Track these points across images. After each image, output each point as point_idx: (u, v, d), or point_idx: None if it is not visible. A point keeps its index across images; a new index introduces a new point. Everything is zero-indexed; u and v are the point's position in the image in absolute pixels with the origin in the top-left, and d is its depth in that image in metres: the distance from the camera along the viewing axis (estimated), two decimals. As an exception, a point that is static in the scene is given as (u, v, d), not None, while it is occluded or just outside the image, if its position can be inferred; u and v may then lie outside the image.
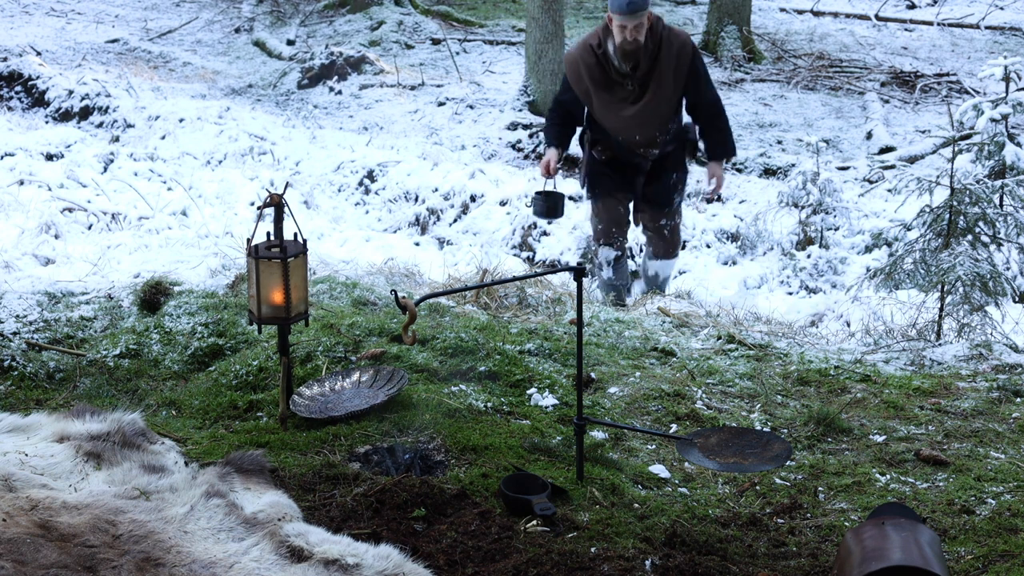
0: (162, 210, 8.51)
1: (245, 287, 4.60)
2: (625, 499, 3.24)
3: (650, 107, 5.71)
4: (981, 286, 4.98)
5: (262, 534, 2.77)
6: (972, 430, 3.80)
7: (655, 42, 5.62)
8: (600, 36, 5.73)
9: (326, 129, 11.67)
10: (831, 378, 4.25)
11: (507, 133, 12.04)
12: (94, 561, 2.57)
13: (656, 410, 3.89)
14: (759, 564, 2.95)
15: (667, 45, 5.64)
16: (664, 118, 5.77)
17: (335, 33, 15.68)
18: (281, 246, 3.47)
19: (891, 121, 11.88)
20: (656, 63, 5.64)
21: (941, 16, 15.63)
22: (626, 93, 5.71)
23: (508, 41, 15.54)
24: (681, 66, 5.67)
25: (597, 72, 5.73)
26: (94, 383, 4.03)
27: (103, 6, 16.87)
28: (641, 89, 5.69)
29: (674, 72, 5.66)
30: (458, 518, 3.03)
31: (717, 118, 5.89)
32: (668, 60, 5.64)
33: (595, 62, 5.71)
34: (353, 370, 3.91)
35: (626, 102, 5.72)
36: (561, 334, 4.47)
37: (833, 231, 7.95)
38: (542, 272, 4.20)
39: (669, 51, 5.64)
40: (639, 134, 5.80)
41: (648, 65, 5.64)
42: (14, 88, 12.74)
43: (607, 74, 5.70)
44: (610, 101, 5.74)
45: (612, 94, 5.73)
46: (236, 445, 3.40)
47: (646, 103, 5.70)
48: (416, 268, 5.84)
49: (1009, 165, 6.83)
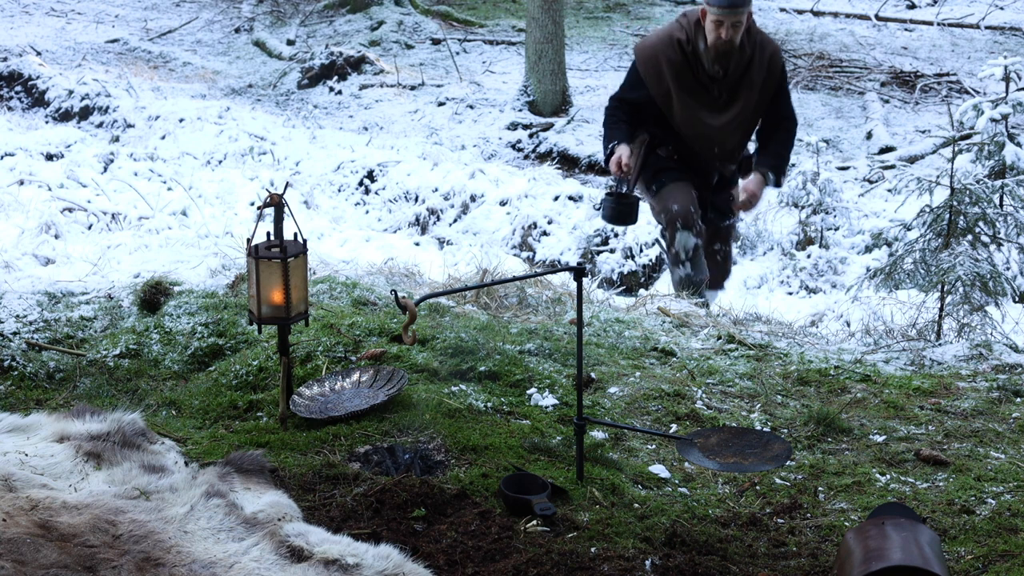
0: (162, 210, 8.51)
1: (245, 287, 4.60)
2: (625, 499, 3.24)
3: (739, 117, 5.15)
4: (981, 286, 4.98)
5: (262, 534, 2.77)
6: (972, 430, 3.81)
7: (750, 45, 5.06)
8: (688, 31, 5.06)
9: (326, 129, 11.67)
10: (831, 378, 4.26)
11: (507, 133, 12.04)
12: (94, 561, 2.57)
13: (656, 410, 3.89)
14: (759, 564, 2.95)
15: (760, 51, 5.10)
16: (749, 131, 5.25)
17: (335, 33, 15.68)
18: (281, 246, 3.47)
19: (891, 121, 11.88)
20: (748, 69, 5.09)
21: (941, 16, 15.63)
22: (712, 100, 5.13)
23: (508, 41, 15.54)
24: (772, 77, 5.14)
25: (683, 72, 5.08)
26: (94, 383, 4.03)
27: (103, 6, 16.87)
28: (729, 97, 5.12)
29: (764, 82, 5.13)
30: (458, 518, 3.03)
31: (788, 138, 5.32)
32: (760, 68, 5.10)
33: (682, 60, 5.06)
34: (353, 370, 3.91)
35: (713, 110, 5.13)
36: (561, 334, 4.47)
37: (833, 231, 7.95)
38: (542, 272, 4.19)
39: (762, 58, 5.10)
40: (720, 147, 5.22)
41: (740, 71, 5.07)
42: (14, 88, 12.74)
43: (695, 76, 5.08)
44: (695, 107, 5.13)
45: (696, 99, 5.12)
46: (236, 445, 3.40)
47: (737, 112, 5.14)
48: (416, 268, 5.84)
49: (1009, 165, 6.83)
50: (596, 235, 8.58)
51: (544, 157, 11.48)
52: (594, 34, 15.82)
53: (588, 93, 13.33)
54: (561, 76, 12.77)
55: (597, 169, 11.10)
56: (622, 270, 8.33)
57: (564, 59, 12.84)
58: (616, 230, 8.52)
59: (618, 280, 8.27)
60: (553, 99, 12.65)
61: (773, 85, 5.15)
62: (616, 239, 8.51)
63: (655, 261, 8.33)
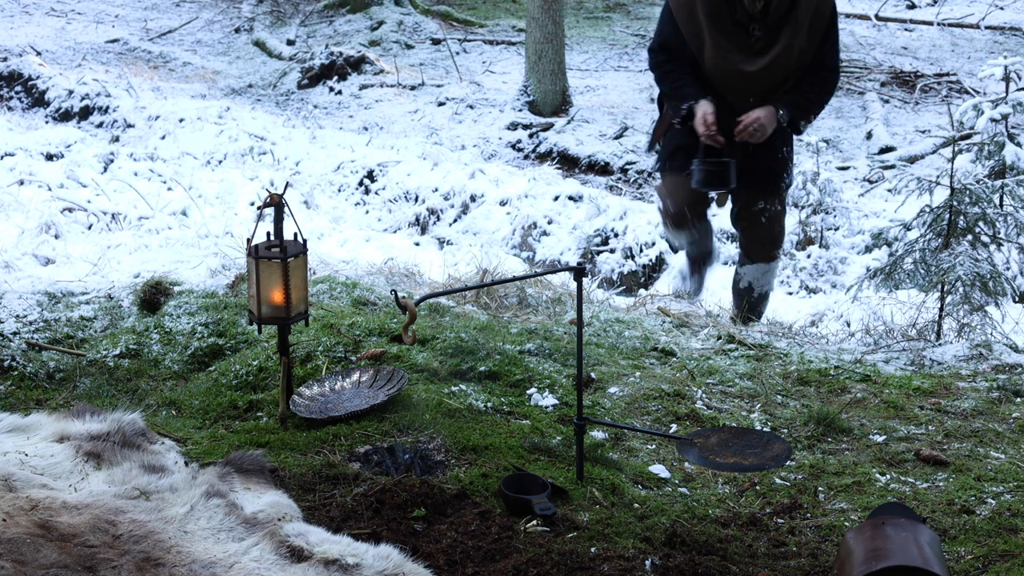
0: (162, 210, 8.51)
1: (245, 287, 4.60)
2: (625, 499, 3.24)
3: (779, 63, 4.55)
4: (981, 286, 4.98)
5: (262, 534, 2.77)
6: (972, 430, 3.80)
7: None
8: None
9: (326, 129, 11.68)
10: (831, 378, 4.25)
11: (507, 133, 12.04)
12: (94, 561, 2.57)
13: (656, 410, 3.89)
14: (759, 564, 2.95)
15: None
16: (788, 79, 4.64)
17: (335, 33, 15.69)
18: (281, 246, 3.47)
19: (891, 121, 11.89)
20: (794, 8, 4.51)
21: (941, 16, 15.63)
22: (750, 42, 4.55)
23: (508, 41, 15.55)
24: (820, 18, 4.55)
25: (719, 8, 4.54)
26: (94, 383, 4.03)
27: (103, 6, 16.87)
28: (769, 39, 4.54)
29: (811, 24, 4.52)
30: (458, 518, 3.03)
31: (822, 87, 4.70)
32: (807, 7, 4.51)
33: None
34: (353, 370, 3.91)
35: (750, 53, 4.56)
36: (561, 334, 4.47)
37: (833, 231, 7.96)
38: (542, 272, 4.19)
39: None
40: (756, 96, 4.64)
41: (783, 8, 4.51)
42: (14, 88, 12.74)
43: (732, 12, 4.53)
44: (728, 49, 4.57)
45: (731, 40, 4.56)
46: (236, 445, 3.40)
47: (775, 57, 4.54)
48: (416, 268, 5.84)
49: (1009, 165, 6.83)
50: (596, 235, 8.59)
51: (544, 157, 11.49)
52: (594, 34, 15.83)
53: (588, 93, 13.33)
54: (561, 76, 12.78)
55: (597, 169, 11.10)
56: (622, 270, 8.33)
57: (564, 59, 12.85)
58: (616, 229, 8.52)
59: (618, 280, 8.28)
60: (553, 99, 12.66)
61: (820, 28, 4.57)
62: (616, 239, 8.51)
63: (655, 261, 8.33)
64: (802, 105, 4.68)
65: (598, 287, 7.22)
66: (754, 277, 5.15)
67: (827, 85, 4.72)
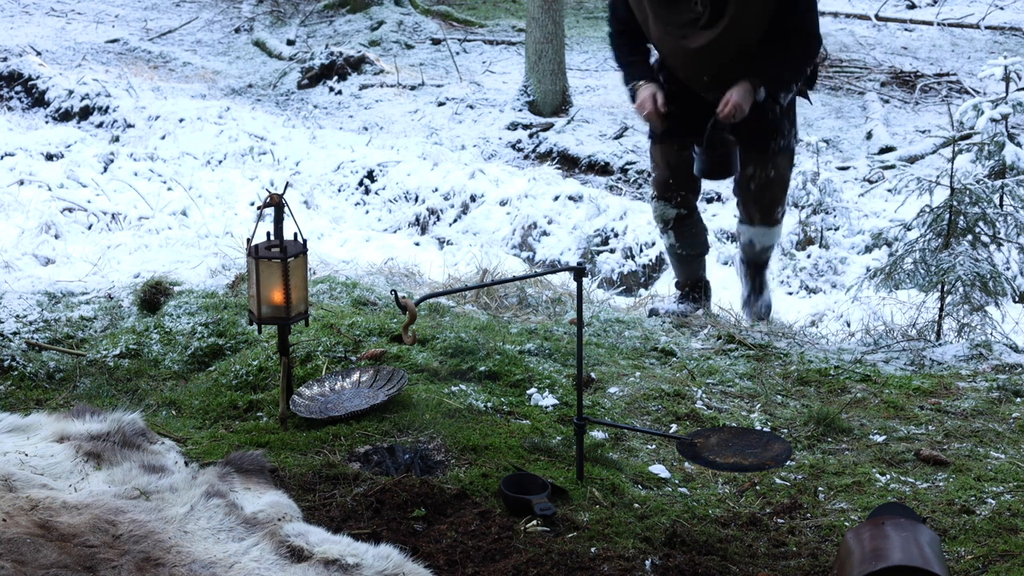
0: (162, 210, 8.52)
1: (245, 287, 4.60)
2: (625, 499, 3.24)
3: (726, 37, 4.15)
4: (981, 286, 4.98)
5: (262, 534, 2.77)
6: (972, 430, 3.80)
7: None
8: None
9: (326, 129, 11.68)
10: (831, 378, 4.26)
11: (507, 133, 12.04)
12: (94, 561, 2.57)
13: (656, 410, 3.89)
14: (759, 564, 2.95)
15: None
16: (745, 52, 4.24)
17: (335, 33, 15.69)
18: (281, 246, 3.47)
19: (891, 121, 11.89)
20: None
21: (941, 16, 15.63)
22: (693, 15, 4.17)
23: (508, 41, 15.55)
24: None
25: None
26: (94, 383, 4.03)
27: (103, 6, 16.87)
28: (715, 10, 4.14)
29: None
30: (458, 518, 3.03)
31: (797, 53, 4.29)
32: None
33: None
34: (353, 370, 3.91)
35: (693, 28, 4.19)
36: (561, 334, 4.47)
37: (833, 231, 7.96)
38: (542, 272, 4.19)
39: None
40: (708, 73, 4.30)
41: None
42: (14, 88, 12.74)
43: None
44: (670, 23, 4.23)
45: (673, 14, 4.20)
46: (236, 445, 3.40)
47: (721, 32, 4.14)
48: (416, 268, 5.84)
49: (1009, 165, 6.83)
50: (596, 235, 8.59)
51: (544, 157, 11.49)
52: (594, 34, 15.82)
53: (588, 93, 13.33)
54: (561, 76, 12.78)
55: (597, 169, 11.10)
56: (622, 270, 8.33)
57: (564, 59, 12.85)
58: (616, 229, 8.52)
59: (618, 280, 8.28)
60: (553, 99, 12.66)
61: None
62: (616, 239, 8.51)
63: (655, 261, 8.33)
64: (779, 76, 4.34)
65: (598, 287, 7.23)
66: (754, 236, 4.95)
67: (806, 50, 4.36)
